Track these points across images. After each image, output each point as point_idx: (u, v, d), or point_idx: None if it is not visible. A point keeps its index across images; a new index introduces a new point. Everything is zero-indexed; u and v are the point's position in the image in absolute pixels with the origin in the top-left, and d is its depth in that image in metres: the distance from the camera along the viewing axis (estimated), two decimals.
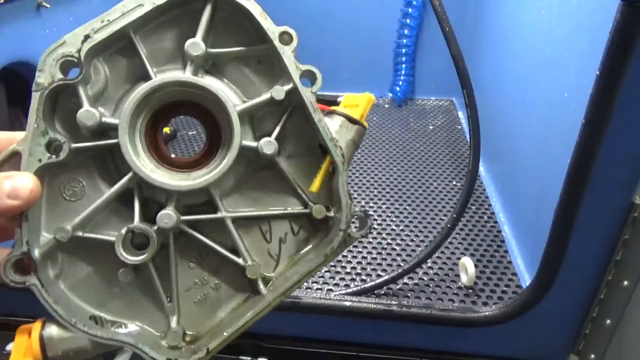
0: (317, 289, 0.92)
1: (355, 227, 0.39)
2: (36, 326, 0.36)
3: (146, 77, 0.37)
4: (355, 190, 1.24)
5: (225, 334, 0.38)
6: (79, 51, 0.35)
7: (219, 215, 0.38)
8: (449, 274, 0.96)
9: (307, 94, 0.38)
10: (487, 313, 0.77)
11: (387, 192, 1.23)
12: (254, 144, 0.37)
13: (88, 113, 0.35)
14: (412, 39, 1.69)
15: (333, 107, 0.41)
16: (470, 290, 0.91)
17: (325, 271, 0.96)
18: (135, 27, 0.37)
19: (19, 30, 1.03)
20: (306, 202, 0.39)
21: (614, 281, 0.71)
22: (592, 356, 0.77)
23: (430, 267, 0.97)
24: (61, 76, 0.35)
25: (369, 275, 0.95)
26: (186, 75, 0.36)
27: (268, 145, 0.37)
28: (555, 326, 0.79)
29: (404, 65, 1.73)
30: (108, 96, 0.37)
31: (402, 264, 0.97)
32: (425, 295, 0.90)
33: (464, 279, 0.92)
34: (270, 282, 0.39)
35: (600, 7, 0.69)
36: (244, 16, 0.37)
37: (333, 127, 0.40)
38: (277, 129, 0.39)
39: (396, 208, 1.17)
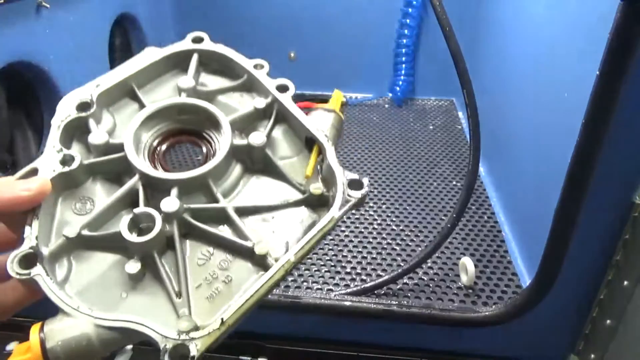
0: (317, 289, 0.92)
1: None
2: (35, 326, 0.34)
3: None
4: None
5: (241, 299, 0.34)
6: (91, 95, 0.41)
7: (220, 205, 0.38)
8: (449, 274, 0.96)
9: (283, 96, 0.43)
10: (487, 313, 0.77)
11: (387, 192, 1.23)
12: (244, 141, 0.40)
13: (97, 134, 0.39)
14: (412, 39, 1.69)
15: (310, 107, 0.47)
16: (470, 290, 0.91)
17: (325, 271, 0.96)
18: (138, 82, 0.44)
19: (19, 30, 1.03)
20: (304, 191, 0.41)
21: (614, 281, 0.71)
22: (592, 356, 0.77)
23: (430, 267, 0.97)
24: (76, 112, 0.40)
25: (369, 275, 0.95)
26: (181, 98, 0.42)
27: (256, 136, 0.40)
28: (555, 326, 0.79)
29: (404, 65, 1.73)
30: (116, 137, 0.41)
31: (402, 264, 0.97)
32: (425, 295, 0.90)
33: (464, 279, 0.92)
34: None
35: (600, 7, 0.69)
36: (223, 59, 0.45)
37: (311, 119, 0.43)
38: (267, 129, 0.42)
39: (396, 208, 1.17)
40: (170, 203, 0.36)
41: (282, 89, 0.44)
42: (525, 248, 0.98)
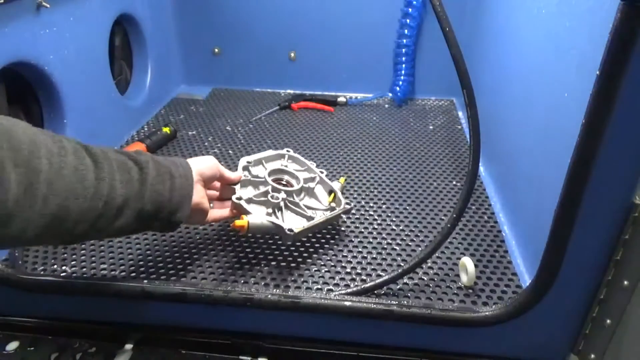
0: (317, 289, 0.92)
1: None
2: (244, 216, 0.90)
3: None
4: (355, 190, 1.24)
5: (307, 225, 0.95)
6: (250, 160, 1.08)
7: (297, 200, 1.01)
8: (449, 274, 0.96)
9: (322, 174, 1.09)
10: (487, 313, 0.77)
11: (387, 192, 1.23)
12: (305, 184, 1.05)
13: (254, 170, 1.07)
14: (412, 39, 1.69)
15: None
16: (470, 290, 0.91)
17: (325, 271, 0.96)
18: (266, 160, 1.12)
19: (19, 30, 1.03)
20: (325, 207, 1.01)
21: (614, 281, 0.71)
22: (592, 356, 0.77)
23: (430, 267, 0.97)
24: (245, 163, 1.07)
25: (369, 275, 0.95)
26: (283, 167, 1.09)
27: (311, 184, 1.05)
28: (555, 326, 0.79)
29: (404, 65, 1.73)
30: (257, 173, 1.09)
31: (402, 264, 0.97)
32: (425, 295, 0.90)
33: (464, 279, 0.92)
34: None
35: (600, 7, 0.69)
36: (298, 158, 1.15)
37: (332, 183, 1.09)
38: (314, 184, 1.06)
39: (396, 208, 1.17)
40: (279, 195, 0.98)
41: (322, 172, 1.10)
42: (525, 248, 0.98)
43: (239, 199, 0.93)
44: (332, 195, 1.04)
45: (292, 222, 0.95)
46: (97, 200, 0.64)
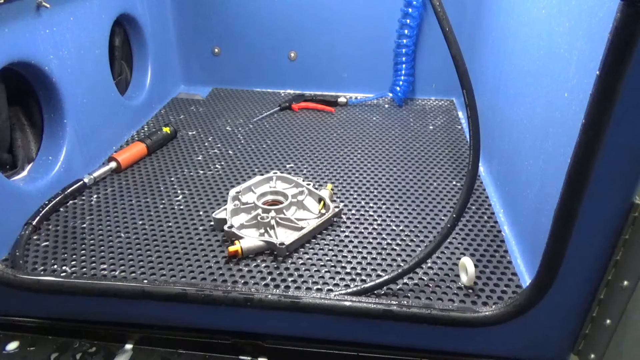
0: (317, 289, 0.92)
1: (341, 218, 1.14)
2: (237, 241, 0.98)
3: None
4: (355, 191, 1.24)
5: (293, 237, 1.00)
6: (239, 189, 1.16)
7: (287, 216, 1.06)
8: (449, 274, 0.96)
9: (310, 187, 1.16)
10: (487, 313, 0.77)
11: (387, 192, 1.23)
12: (295, 198, 1.11)
13: (244, 198, 1.14)
14: (412, 39, 1.69)
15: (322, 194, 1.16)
16: (470, 290, 0.91)
17: (325, 271, 0.96)
18: (255, 186, 1.20)
19: (19, 30, 1.03)
20: (316, 214, 1.05)
21: (614, 281, 0.71)
22: (592, 356, 0.77)
23: (430, 267, 0.97)
24: (234, 193, 1.15)
25: (369, 275, 0.95)
26: (271, 189, 1.18)
27: (300, 197, 1.12)
28: (555, 326, 0.79)
29: (404, 65, 1.73)
30: (247, 199, 1.15)
31: (402, 264, 0.97)
32: (425, 295, 0.90)
33: (464, 279, 0.92)
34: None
35: (600, 7, 0.69)
36: (286, 177, 1.21)
37: (321, 191, 1.16)
38: (303, 197, 1.13)
39: (396, 208, 1.17)
40: (269, 215, 1.05)
41: (309, 184, 1.16)
42: (525, 248, 0.98)
43: (230, 227, 1.02)
44: (322, 202, 1.13)
45: (284, 237, 1.00)
46: None
